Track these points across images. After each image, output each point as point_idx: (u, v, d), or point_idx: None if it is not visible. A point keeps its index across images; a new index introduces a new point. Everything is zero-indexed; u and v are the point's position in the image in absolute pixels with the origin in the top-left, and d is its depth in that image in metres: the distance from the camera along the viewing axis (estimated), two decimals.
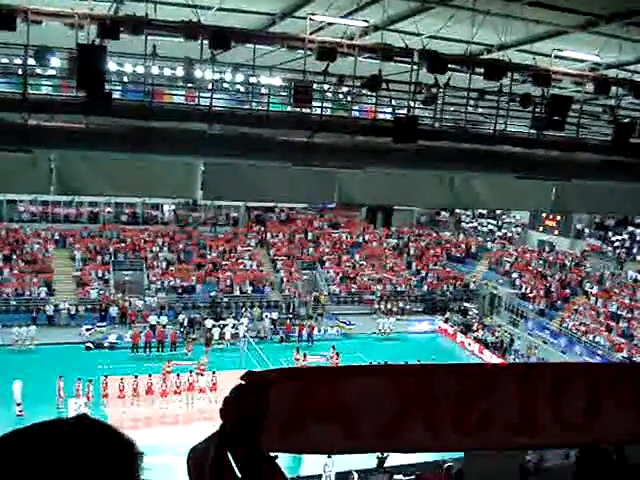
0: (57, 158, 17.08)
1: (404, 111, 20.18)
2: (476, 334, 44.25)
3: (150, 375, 30.79)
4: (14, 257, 44.08)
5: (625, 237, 48.65)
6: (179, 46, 17.88)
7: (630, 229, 48.41)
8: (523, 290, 48.64)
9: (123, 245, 47.64)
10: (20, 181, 18.03)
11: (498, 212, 57.68)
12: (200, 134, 16.94)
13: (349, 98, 23.82)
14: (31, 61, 16.61)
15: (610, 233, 49.65)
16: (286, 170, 18.74)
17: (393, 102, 22.08)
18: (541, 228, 54.26)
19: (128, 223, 50.05)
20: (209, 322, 41.08)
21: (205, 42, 16.62)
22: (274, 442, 2.21)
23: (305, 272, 49.83)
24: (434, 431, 2.37)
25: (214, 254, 48.92)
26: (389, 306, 48.02)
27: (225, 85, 25.59)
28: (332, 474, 23.00)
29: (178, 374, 31.46)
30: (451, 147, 19.12)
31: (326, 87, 21.21)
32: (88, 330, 38.97)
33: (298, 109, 18.91)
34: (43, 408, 24.91)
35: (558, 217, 51.34)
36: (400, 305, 48.31)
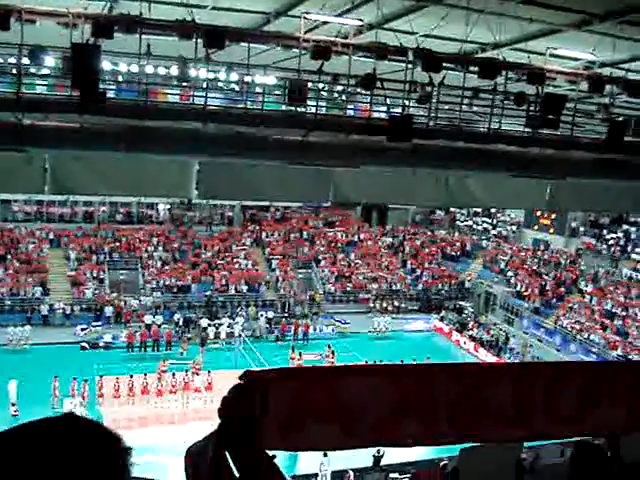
0: (51, 158, 17.04)
1: (399, 110, 20.19)
2: (471, 332, 44.31)
3: (145, 375, 30.80)
4: (9, 257, 43.99)
5: (620, 235, 48.72)
6: (174, 45, 17.85)
7: (625, 227, 48.51)
8: (518, 288, 48.70)
9: (118, 244, 47.56)
10: (14, 181, 17.98)
11: (493, 210, 57.69)
12: (195, 133, 16.92)
13: (344, 97, 23.81)
14: (25, 60, 16.58)
15: (605, 231, 49.72)
16: (281, 169, 18.74)
17: (388, 101, 22.09)
18: (536, 226, 54.29)
19: (123, 222, 49.99)
20: (204, 321, 41.08)
21: (199, 41, 16.61)
22: (272, 441, 2.22)
23: (300, 271, 49.79)
24: (429, 425, 2.38)
25: (209, 253, 48.88)
26: (384, 305, 48.05)
27: (220, 84, 25.55)
28: (328, 473, 23.00)
29: (173, 373, 31.47)
30: (446, 146, 19.12)
31: (321, 86, 21.20)
32: (83, 330, 38.93)
33: (293, 108, 18.91)
34: (38, 408, 24.79)
35: (553, 215, 51.36)
36: (395, 304, 48.34)
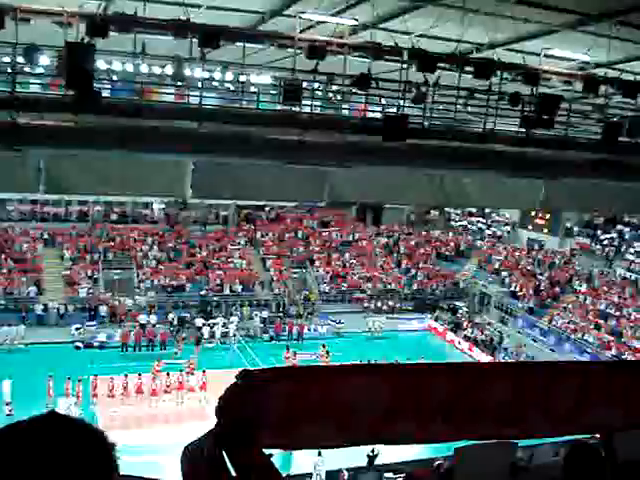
0: (46, 157, 17.00)
1: (394, 109, 20.19)
2: (466, 332, 44.38)
3: (140, 374, 30.74)
4: (3, 256, 43.79)
5: (614, 235, 48.86)
6: (169, 44, 17.82)
7: (619, 227, 48.64)
8: (512, 288, 48.78)
9: (112, 244, 47.44)
10: (9, 180, 17.95)
11: (487, 210, 57.76)
12: (190, 133, 16.89)
13: (339, 97, 23.80)
14: (20, 59, 16.53)
15: (599, 232, 49.85)
16: (276, 169, 18.73)
17: (383, 101, 22.10)
18: (530, 226, 54.35)
19: (118, 222, 49.81)
20: (199, 321, 41.06)
21: (194, 40, 16.59)
22: (270, 440, 2.22)
23: (295, 271, 49.73)
24: (426, 424, 2.39)
25: (204, 253, 48.80)
26: (379, 304, 48.05)
27: (214, 83, 25.51)
28: (322, 472, 22.99)
29: (168, 373, 31.42)
30: (441, 146, 19.12)
31: (316, 85, 21.19)
32: (77, 329, 38.83)
33: (288, 107, 18.89)
34: (33, 407, 24.74)
35: (547, 215, 51.46)
36: (390, 303, 48.33)
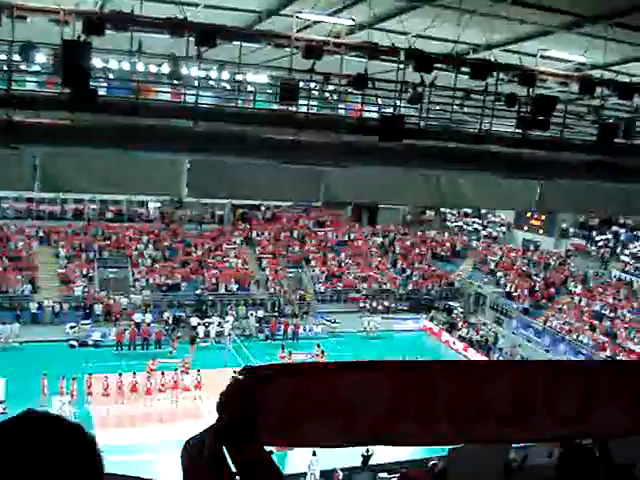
0: (42, 155, 16.97)
1: (390, 110, 20.20)
2: (461, 332, 44.43)
3: (134, 373, 30.68)
4: None
5: (609, 237, 48.98)
6: (165, 43, 17.80)
7: (614, 229, 48.75)
8: (508, 289, 48.84)
9: (108, 242, 47.38)
10: (4, 178, 17.91)
11: (483, 211, 57.86)
12: (186, 132, 16.87)
13: (335, 97, 23.80)
14: (16, 57, 16.48)
15: (594, 233, 49.96)
16: (272, 168, 18.71)
17: (379, 101, 22.10)
18: (526, 227, 54.48)
19: (113, 220, 49.79)
20: (194, 320, 41.03)
21: (191, 39, 16.56)
22: (270, 437, 2.22)
23: (291, 270, 49.77)
24: (428, 424, 2.39)
25: (199, 252, 48.76)
26: (374, 304, 48.08)
27: (211, 82, 25.48)
28: (317, 472, 22.98)
29: (163, 372, 31.39)
30: (437, 146, 19.14)
31: (312, 85, 21.18)
32: (72, 328, 38.81)
33: (284, 107, 18.87)
34: (27, 406, 24.70)
35: (543, 216, 51.56)
36: (385, 303, 48.36)
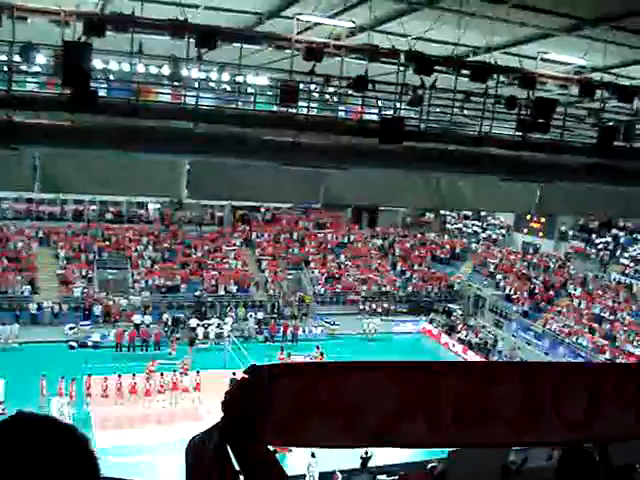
0: (42, 156, 16.96)
1: (390, 112, 20.20)
2: (460, 335, 44.40)
3: (134, 374, 30.67)
4: None
5: (608, 240, 48.96)
6: (166, 44, 17.79)
7: (614, 232, 48.73)
8: (507, 291, 48.83)
9: (107, 244, 47.40)
10: (4, 179, 17.90)
11: (483, 213, 57.84)
12: (186, 133, 16.86)
13: (335, 99, 23.81)
14: (17, 58, 16.49)
15: (594, 235, 49.96)
16: (272, 170, 18.70)
17: (380, 103, 22.09)
18: (526, 230, 54.49)
19: (113, 222, 49.80)
20: (193, 321, 41.01)
21: (192, 40, 16.57)
22: (275, 436, 2.22)
23: (290, 272, 49.77)
24: (435, 427, 2.38)
25: (199, 253, 48.79)
26: (374, 306, 48.08)
27: (211, 84, 25.48)
28: (316, 474, 22.96)
29: (162, 374, 31.39)
30: (437, 148, 19.14)
31: (312, 87, 21.17)
32: (71, 329, 38.81)
33: (284, 109, 18.87)
34: (26, 407, 24.67)
35: (543, 219, 51.58)
36: (385, 306, 48.38)
